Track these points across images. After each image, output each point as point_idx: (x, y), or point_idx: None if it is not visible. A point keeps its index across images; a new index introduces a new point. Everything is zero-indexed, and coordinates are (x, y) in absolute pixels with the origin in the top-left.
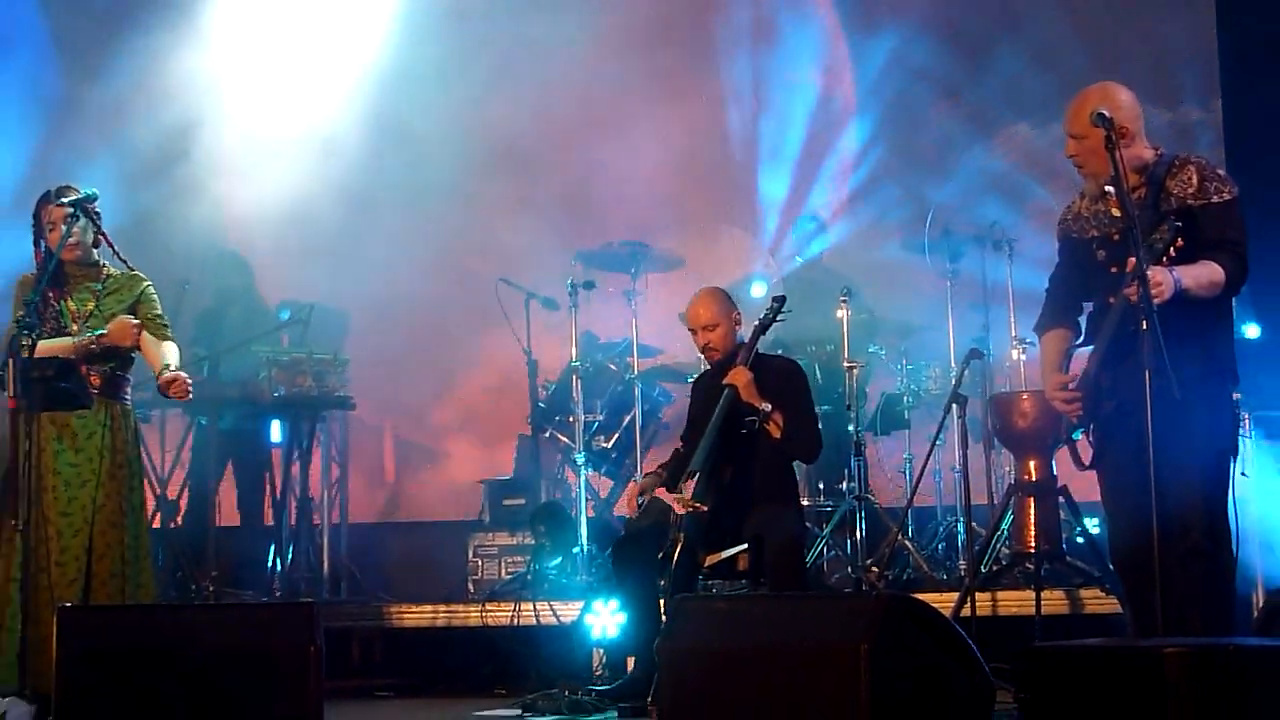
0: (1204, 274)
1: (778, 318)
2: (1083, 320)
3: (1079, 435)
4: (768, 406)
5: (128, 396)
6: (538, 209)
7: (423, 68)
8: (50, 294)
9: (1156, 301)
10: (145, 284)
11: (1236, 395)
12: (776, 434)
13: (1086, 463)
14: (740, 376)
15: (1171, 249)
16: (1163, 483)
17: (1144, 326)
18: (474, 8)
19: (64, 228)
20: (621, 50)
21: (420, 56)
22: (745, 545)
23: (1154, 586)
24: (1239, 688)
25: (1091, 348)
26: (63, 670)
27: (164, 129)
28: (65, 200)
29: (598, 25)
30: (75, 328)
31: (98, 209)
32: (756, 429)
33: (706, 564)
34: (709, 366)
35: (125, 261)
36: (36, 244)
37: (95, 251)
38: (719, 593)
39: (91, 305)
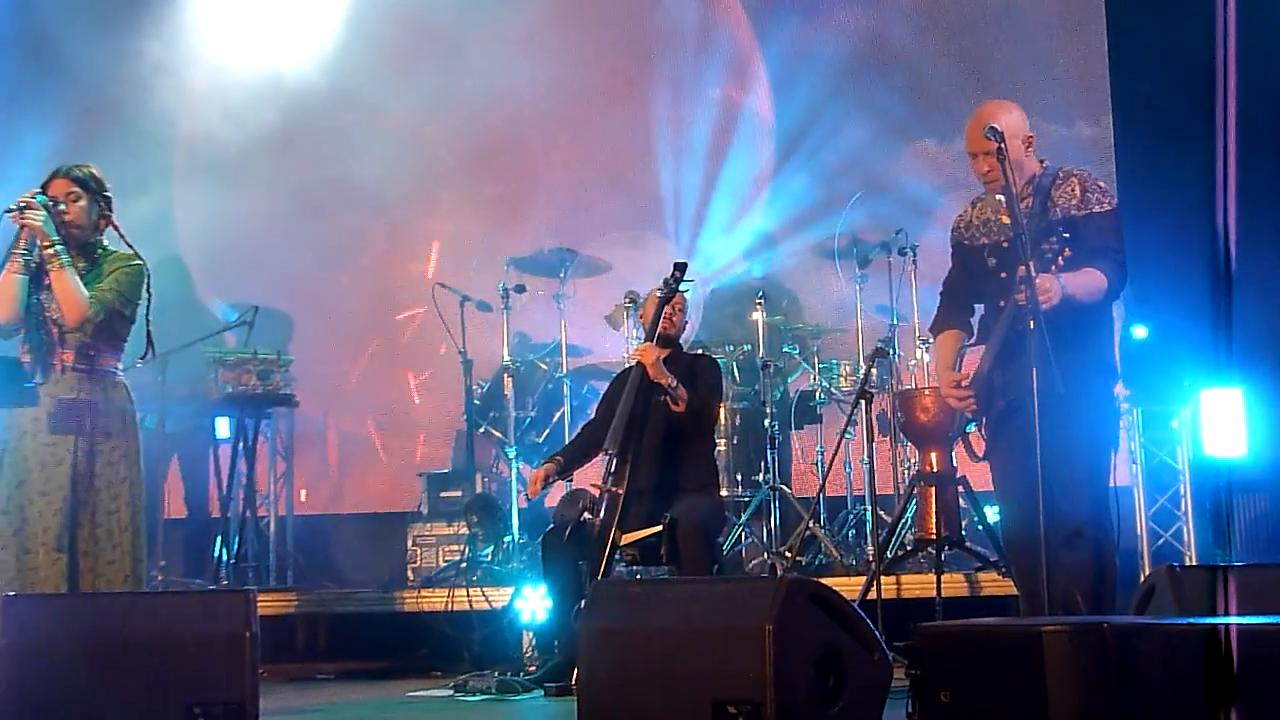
0: (1089, 281)
1: (679, 286)
2: (975, 321)
3: (972, 428)
4: (674, 381)
5: (114, 370)
6: (471, 216)
7: (362, 78)
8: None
9: (1045, 306)
10: (132, 262)
11: (1119, 390)
12: (679, 408)
13: (980, 454)
14: (648, 354)
15: (1060, 258)
16: (1049, 472)
17: (1030, 326)
18: (413, 17)
19: (65, 204)
20: (551, 61)
21: (360, 66)
22: (659, 527)
23: (1041, 569)
24: (1114, 664)
25: (984, 347)
26: (4, 658)
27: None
28: (71, 175)
29: (529, 36)
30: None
31: (107, 193)
32: (663, 402)
33: (622, 542)
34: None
35: (131, 246)
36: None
37: (99, 234)
38: (639, 576)
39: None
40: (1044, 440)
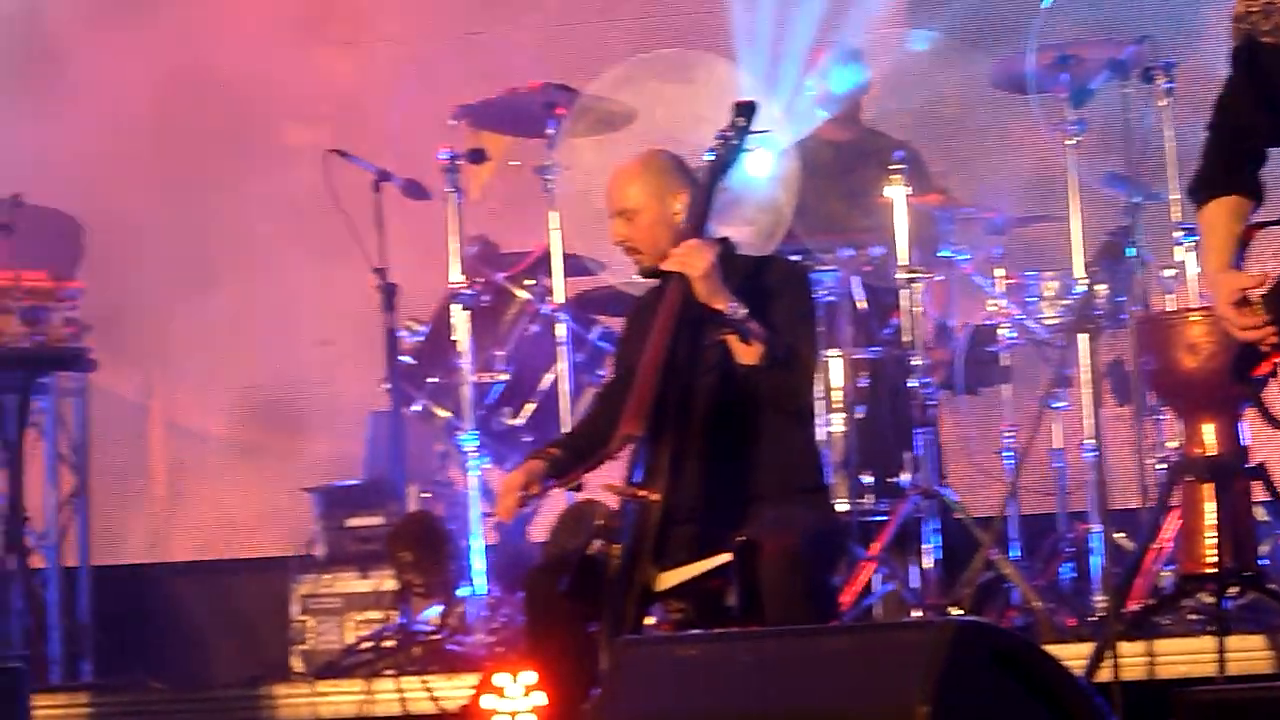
0: None
1: (744, 143)
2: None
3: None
4: (740, 308)
5: None
6: (397, 39)
7: None
8: None
9: None
10: None
11: None
12: (748, 357)
13: None
14: (698, 258)
15: None
16: None
17: None
18: None
19: None
20: None
21: None
22: (727, 556)
23: None
24: None
25: None
26: None
27: None
28: None
29: None
30: None
31: None
32: (719, 345)
33: (660, 586)
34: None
35: None
36: None
37: None
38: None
39: None
40: None
